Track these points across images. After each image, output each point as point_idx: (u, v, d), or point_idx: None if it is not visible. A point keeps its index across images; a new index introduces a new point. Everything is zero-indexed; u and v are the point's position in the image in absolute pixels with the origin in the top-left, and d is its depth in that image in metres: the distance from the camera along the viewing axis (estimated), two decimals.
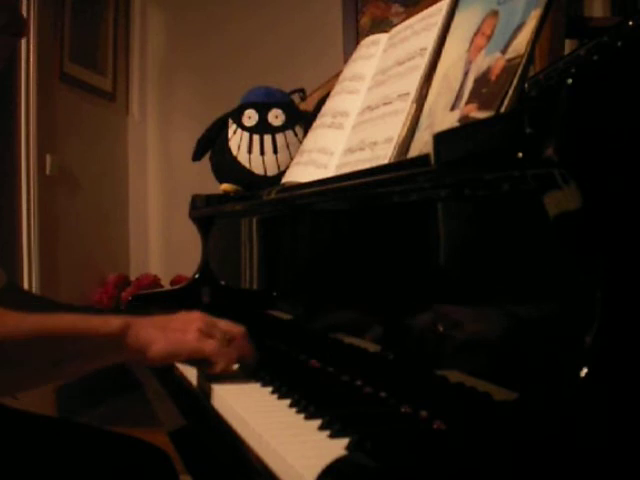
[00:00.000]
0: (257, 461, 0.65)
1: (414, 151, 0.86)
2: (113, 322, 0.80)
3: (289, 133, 1.48)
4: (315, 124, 1.18)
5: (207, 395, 0.89)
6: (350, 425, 0.63)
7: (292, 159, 1.27)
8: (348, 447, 0.58)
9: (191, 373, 0.98)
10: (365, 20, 3.03)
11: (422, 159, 0.65)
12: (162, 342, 0.82)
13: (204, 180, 1.67)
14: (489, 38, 0.76)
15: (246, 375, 0.89)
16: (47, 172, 2.69)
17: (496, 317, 0.62)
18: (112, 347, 0.80)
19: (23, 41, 2.60)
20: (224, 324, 0.88)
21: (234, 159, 1.50)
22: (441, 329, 0.69)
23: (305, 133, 1.29)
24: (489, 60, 0.74)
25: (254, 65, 2.96)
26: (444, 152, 0.61)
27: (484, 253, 0.63)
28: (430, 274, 0.72)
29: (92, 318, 0.82)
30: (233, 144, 1.50)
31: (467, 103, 0.75)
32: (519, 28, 0.70)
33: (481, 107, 0.71)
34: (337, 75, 1.24)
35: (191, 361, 0.88)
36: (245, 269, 1.33)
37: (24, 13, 2.59)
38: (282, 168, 1.43)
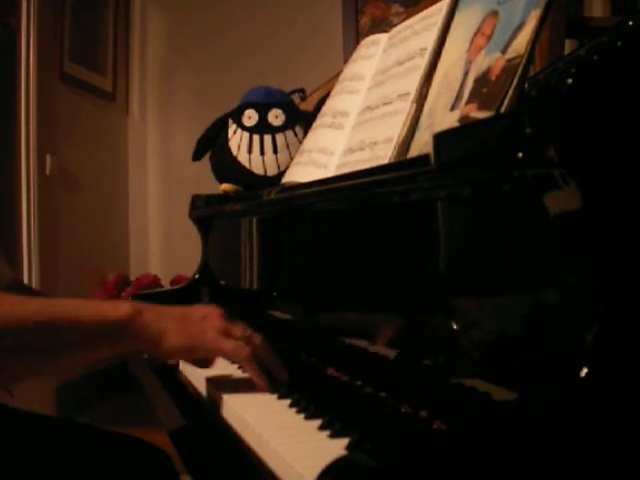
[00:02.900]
0: (257, 461, 0.65)
1: (414, 151, 0.85)
2: (122, 308, 0.75)
3: (289, 133, 1.48)
4: (315, 124, 1.18)
5: (207, 395, 0.89)
6: (350, 425, 0.63)
7: (292, 159, 1.27)
8: (348, 447, 0.58)
9: (190, 372, 0.98)
10: (365, 20, 3.03)
11: (422, 159, 0.65)
12: (178, 335, 0.77)
13: (204, 180, 1.68)
14: (489, 38, 0.76)
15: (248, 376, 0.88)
16: (47, 172, 2.69)
17: (496, 317, 0.62)
18: (120, 335, 0.75)
19: (23, 41, 2.60)
20: (240, 325, 0.85)
21: (234, 159, 1.50)
22: (441, 329, 0.69)
23: (305, 133, 1.29)
24: (489, 60, 0.74)
25: (254, 65, 2.96)
26: (444, 152, 0.61)
27: (484, 253, 0.63)
28: (430, 274, 0.72)
29: (99, 304, 0.77)
30: (233, 144, 1.50)
31: (467, 103, 0.75)
32: (519, 28, 0.70)
33: (481, 107, 0.71)
34: (337, 75, 1.24)
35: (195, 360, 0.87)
36: (245, 269, 1.33)
37: (24, 13, 2.59)
38: (282, 168, 1.43)
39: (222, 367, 0.90)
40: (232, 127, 1.51)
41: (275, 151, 1.47)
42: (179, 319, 0.79)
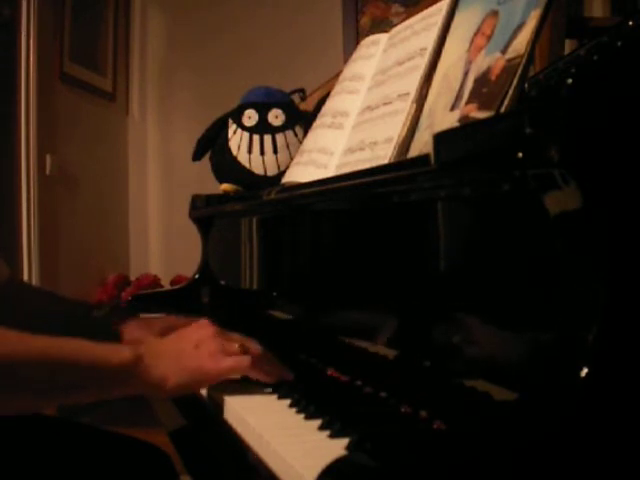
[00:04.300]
0: (257, 461, 0.65)
1: (414, 151, 0.85)
2: (123, 353, 0.76)
3: (289, 133, 1.48)
4: (315, 124, 1.18)
5: (207, 395, 0.89)
6: (350, 425, 0.63)
7: (292, 159, 1.27)
8: (348, 447, 0.58)
9: None
10: (365, 20, 3.03)
11: (422, 159, 0.65)
12: (179, 375, 0.78)
13: (204, 180, 1.67)
14: (489, 38, 0.76)
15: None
16: (47, 172, 2.69)
17: (497, 317, 0.62)
18: (121, 380, 0.76)
19: (23, 41, 2.60)
20: (236, 336, 0.85)
21: (234, 159, 1.50)
22: (441, 329, 0.69)
23: (305, 133, 1.29)
24: (489, 60, 0.74)
25: (254, 65, 2.96)
26: (444, 152, 0.61)
27: (484, 253, 0.63)
28: (430, 274, 0.72)
29: (100, 347, 0.76)
30: (233, 144, 1.50)
31: (467, 103, 0.75)
32: (519, 28, 0.70)
33: (481, 107, 0.71)
34: (337, 75, 1.24)
35: None
36: (245, 269, 1.33)
37: (24, 13, 2.59)
38: (282, 168, 1.43)
39: None
40: (232, 127, 1.51)
41: (275, 151, 1.47)
42: (176, 357, 0.79)
